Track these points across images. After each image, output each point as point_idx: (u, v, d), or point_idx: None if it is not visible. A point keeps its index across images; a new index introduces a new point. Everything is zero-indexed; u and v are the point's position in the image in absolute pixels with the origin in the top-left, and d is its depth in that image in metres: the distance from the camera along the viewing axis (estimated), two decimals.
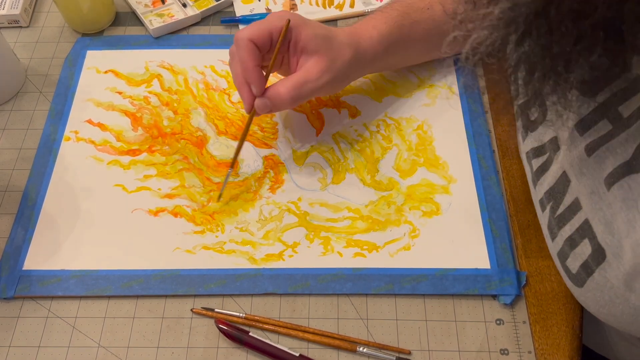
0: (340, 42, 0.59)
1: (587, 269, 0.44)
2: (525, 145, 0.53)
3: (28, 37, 0.76)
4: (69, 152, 0.65)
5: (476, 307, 0.55)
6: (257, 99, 0.57)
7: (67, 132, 0.66)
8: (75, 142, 0.66)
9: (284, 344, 0.53)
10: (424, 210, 0.60)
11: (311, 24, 0.58)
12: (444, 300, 0.56)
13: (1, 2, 0.76)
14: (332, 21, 0.77)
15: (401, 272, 0.56)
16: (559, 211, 0.47)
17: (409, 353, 0.53)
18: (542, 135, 0.50)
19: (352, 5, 0.78)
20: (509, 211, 0.61)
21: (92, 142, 0.66)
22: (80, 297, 0.56)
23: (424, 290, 0.55)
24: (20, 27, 0.77)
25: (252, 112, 0.58)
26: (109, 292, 0.56)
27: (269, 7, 0.78)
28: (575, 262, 0.45)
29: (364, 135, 0.66)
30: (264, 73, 0.58)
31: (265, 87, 0.57)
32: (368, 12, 0.77)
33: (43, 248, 0.58)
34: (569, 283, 0.48)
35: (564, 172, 0.46)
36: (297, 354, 0.52)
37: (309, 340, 0.53)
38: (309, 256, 0.58)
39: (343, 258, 0.57)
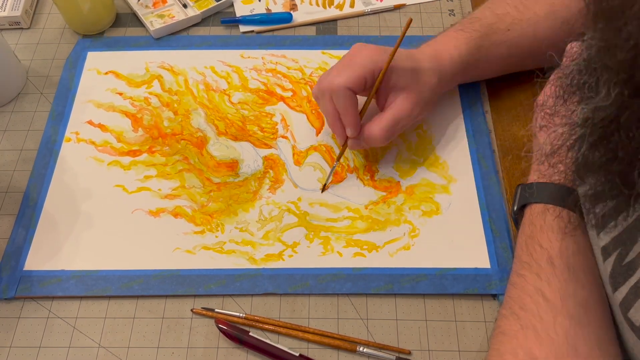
0: (425, 70, 0.60)
1: None
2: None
3: (29, 39, 0.76)
4: (69, 153, 0.65)
5: (476, 307, 0.55)
6: (351, 139, 0.60)
7: (68, 133, 0.67)
8: (76, 143, 0.66)
9: (284, 344, 0.53)
10: (423, 210, 0.60)
11: (398, 59, 0.58)
12: (443, 300, 0.56)
13: (2, 3, 0.76)
14: (332, 21, 0.77)
15: (401, 272, 0.56)
16: (628, 258, 0.44)
17: (409, 353, 0.53)
18: None
19: (352, 5, 0.78)
20: (509, 210, 0.61)
21: (93, 143, 0.66)
22: (81, 298, 0.56)
23: (423, 289, 0.55)
24: (21, 28, 0.77)
25: (345, 145, 0.61)
26: (109, 293, 0.56)
27: (269, 7, 0.78)
28: (637, 313, 0.42)
29: None
30: (359, 115, 0.59)
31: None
32: (368, 11, 0.77)
33: (44, 248, 0.58)
34: (631, 337, 0.43)
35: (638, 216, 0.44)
36: (297, 354, 0.52)
37: (309, 340, 0.53)
38: (309, 256, 0.58)
39: (343, 258, 0.57)
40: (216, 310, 0.55)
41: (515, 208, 0.55)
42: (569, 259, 0.48)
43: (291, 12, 0.77)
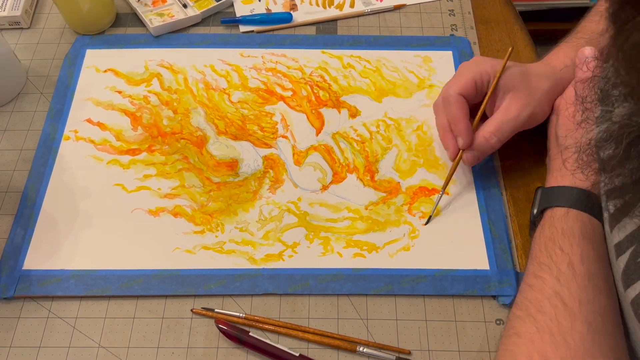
0: (536, 74, 0.59)
1: None
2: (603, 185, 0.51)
3: (29, 39, 0.76)
4: (68, 151, 0.65)
5: (476, 307, 0.55)
6: (466, 151, 0.59)
7: (67, 131, 0.66)
8: (75, 142, 0.66)
9: (284, 344, 0.53)
10: (423, 210, 0.60)
11: (507, 64, 0.59)
12: (443, 301, 0.56)
13: (2, 3, 0.76)
14: (332, 21, 0.77)
15: (401, 273, 0.56)
16: None
17: (409, 353, 0.53)
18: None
19: (352, 5, 0.78)
20: (509, 212, 0.61)
21: (92, 141, 0.66)
22: (81, 298, 0.56)
23: (423, 290, 0.55)
24: (21, 28, 0.77)
25: (457, 159, 0.60)
26: (109, 292, 0.56)
27: (269, 7, 0.78)
28: None
29: (364, 136, 0.66)
30: (471, 124, 0.59)
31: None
32: (368, 11, 0.77)
33: (43, 248, 0.58)
34: None
35: None
36: (297, 354, 0.52)
37: (309, 340, 0.53)
38: (309, 256, 0.58)
39: (343, 258, 0.57)
40: (216, 310, 0.55)
41: (535, 211, 0.55)
42: (589, 266, 0.48)
43: (291, 12, 0.77)
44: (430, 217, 0.60)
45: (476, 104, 0.60)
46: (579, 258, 0.48)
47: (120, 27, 0.76)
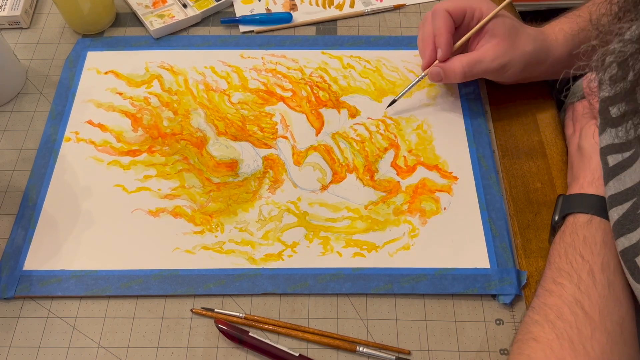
0: (526, 33, 0.61)
1: None
2: (602, 140, 0.52)
3: (29, 39, 0.76)
4: (69, 152, 0.65)
5: (476, 307, 0.55)
6: (432, 66, 0.63)
7: (68, 132, 0.67)
8: (76, 143, 0.66)
9: (283, 344, 0.53)
10: (423, 209, 0.60)
11: (503, 12, 0.61)
12: (443, 300, 0.55)
13: (2, 3, 0.76)
14: (332, 21, 0.77)
15: (401, 272, 0.56)
16: None
17: (409, 353, 0.53)
18: (627, 131, 0.49)
19: (352, 5, 0.78)
20: (509, 211, 0.61)
21: (93, 142, 0.66)
22: (80, 298, 0.56)
23: (423, 290, 0.55)
24: (21, 28, 0.77)
25: (424, 75, 0.64)
26: (109, 292, 0.56)
27: (269, 7, 0.78)
28: None
29: (363, 135, 0.66)
30: (452, 43, 0.62)
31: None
32: (368, 12, 0.77)
33: (43, 248, 0.58)
34: (632, 282, 0.46)
35: None
36: (297, 354, 0.52)
37: (308, 340, 0.53)
38: (309, 256, 0.58)
39: (342, 258, 0.57)
40: (216, 310, 0.55)
41: (557, 217, 0.55)
42: (610, 275, 0.48)
43: (291, 12, 0.77)
44: (394, 100, 0.65)
45: (458, 33, 0.64)
46: (599, 267, 0.48)
47: (120, 27, 0.77)
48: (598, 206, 0.52)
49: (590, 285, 0.48)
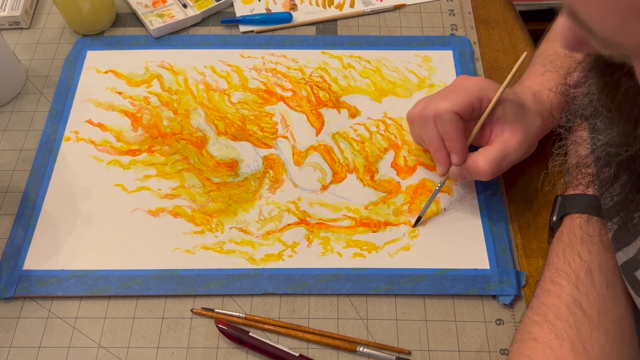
0: (530, 109, 0.57)
1: None
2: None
3: (29, 39, 0.76)
4: (69, 152, 0.65)
5: (476, 307, 0.55)
6: (454, 166, 0.56)
7: (67, 132, 0.66)
8: (76, 142, 0.66)
9: (283, 344, 0.53)
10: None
11: (506, 93, 0.56)
12: (443, 301, 0.56)
13: (2, 3, 0.76)
14: (332, 21, 0.77)
15: (401, 273, 0.56)
16: (637, 219, 0.44)
17: (409, 353, 0.53)
18: None
19: (352, 5, 0.78)
20: (509, 211, 0.61)
21: (92, 142, 0.66)
22: (81, 298, 0.56)
23: (423, 290, 0.55)
24: (21, 28, 0.77)
25: (446, 176, 0.58)
26: (109, 292, 0.56)
27: (269, 7, 0.78)
28: None
29: (363, 136, 0.66)
30: (466, 143, 0.57)
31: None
32: (368, 11, 0.77)
33: (43, 248, 0.58)
34: (633, 295, 0.45)
35: None
36: (297, 354, 0.52)
37: (308, 340, 0.53)
38: (309, 256, 0.58)
39: (342, 258, 0.57)
40: (216, 310, 0.55)
41: (555, 218, 0.55)
42: (608, 275, 0.48)
43: (291, 12, 0.77)
44: (420, 217, 0.59)
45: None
46: (597, 266, 0.48)
47: (120, 27, 0.76)
48: (595, 206, 0.52)
49: (588, 285, 0.47)
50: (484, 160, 0.55)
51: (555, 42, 0.63)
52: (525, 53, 0.57)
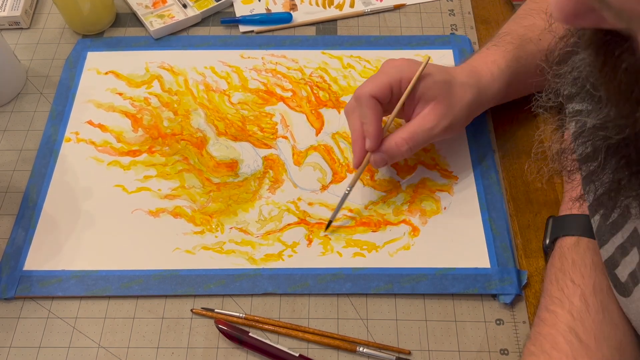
0: (460, 83, 0.56)
1: (635, 278, 0.42)
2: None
3: (29, 39, 0.76)
4: (69, 153, 0.65)
5: (476, 307, 0.55)
6: (374, 153, 0.56)
7: (68, 133, 0.67)
8: (76, 143, 0.66)
9: (283, 344, 0.53)
10: (423, 209, 0.60)
11: (430, 70, 0.55)
12: (443, 300, 0.55)
13: (2, 3, 0.76)
14: (332, 21, 0.77)
15: (401, 272, 0.56)
16: (612, 218, 0.44)
17: (409, 353, 0.53)
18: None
19: (352, 5, 0.78)
20: (509, 211, 0.61)
21: (93, 143, 0.66)
22: (81, 298, 0.56)
23: (423, 289, 0.55)
24: (21, 28, 0.77)
25: (363, 166, 0.57)
26: (109, 293, 0.56)
27: (269, 7, 0.78)
28: (624, 270, 0.43)
29: None
30: (382, 127, 0.56)
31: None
32: (368, 11, 0.77)
33: (43, 249, 0.58)
34: (615, 294, 0.45)
35: None
36: (297, 354, 0.52)
37: (308, 341, 0.53)
38: (309, 256, 0.58)
39: (342, 258, 0.57)
40: (216, 310, 0.55)
41: (547, 241, 0.54)
42: (603, 298, 0.47)
43: (291, 12, 0.77)
44: (329, 222, 0.58)
45: (393, 105, 0.57)
46: (591, 290, 0.47)
47: (120, 27, 0.77)
48: (585, 227, 0.50)
49: (583, 311, 0.46)
50: (399, 138, 0.55)
51: (523, 23, 0.62)
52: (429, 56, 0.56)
